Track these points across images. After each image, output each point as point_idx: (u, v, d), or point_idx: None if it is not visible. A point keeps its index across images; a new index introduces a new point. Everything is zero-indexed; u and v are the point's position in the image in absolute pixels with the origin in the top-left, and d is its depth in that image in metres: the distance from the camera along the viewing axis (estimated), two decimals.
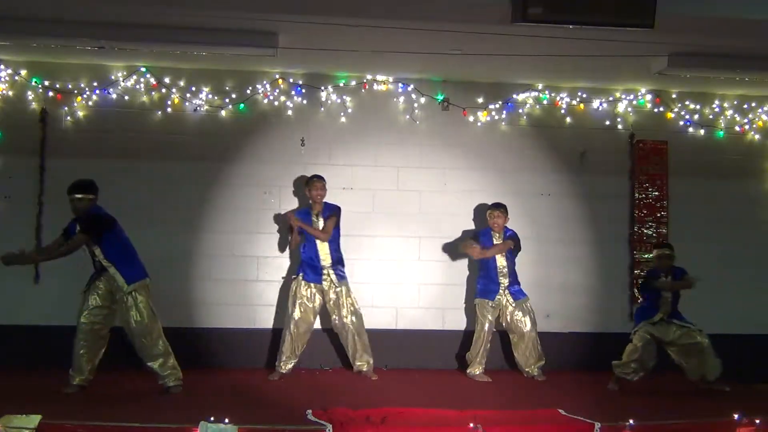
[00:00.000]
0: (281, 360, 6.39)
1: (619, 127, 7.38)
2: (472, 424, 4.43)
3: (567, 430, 4.79)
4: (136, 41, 5.96)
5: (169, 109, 6.84)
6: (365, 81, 7.06)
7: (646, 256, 7.21)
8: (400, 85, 7.10)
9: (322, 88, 7.00)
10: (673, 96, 7.41)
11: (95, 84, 6.72)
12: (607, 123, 7.34)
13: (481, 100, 7.19)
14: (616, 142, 7.39)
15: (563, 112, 7.29)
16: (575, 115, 7.32)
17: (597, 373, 6.46)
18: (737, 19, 5.47)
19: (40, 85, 6.69)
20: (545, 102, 7.27)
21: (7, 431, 4.15)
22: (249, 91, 6.92)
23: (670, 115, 7.39)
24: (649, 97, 7.36)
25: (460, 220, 7.17)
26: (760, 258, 7.46)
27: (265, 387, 6.05)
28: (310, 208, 6.62)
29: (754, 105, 7.47)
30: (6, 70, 6.65)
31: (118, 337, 5.79)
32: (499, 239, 6.73)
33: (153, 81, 6.78)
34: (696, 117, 7.40)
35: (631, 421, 4.61)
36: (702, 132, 7.40)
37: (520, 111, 7.27)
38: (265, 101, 6.95)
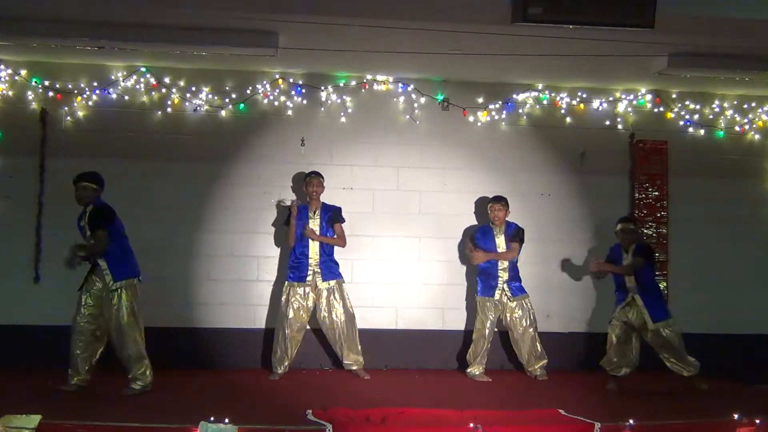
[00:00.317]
0: (275, 359, 6.40)
1: (619, 127, 7.38)
2: (472, 424, 4.43)
3: (567, 430, 4.79)
4: (136, 41, 5.97)
5: (169, 109, 6.84)
6: (365, 81, 7.06)
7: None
8: (400, 85, 7.10)
9: (322, 88, 7.00)
10: (673, 96, 7.41)
11: (95, 84, 6.72)
12: (607, 123, 7.34)
13: (481, 100, 7.19)
14: (616, 142, 7.39)
15: (563, 112, 7.29)
16: (575, 115, 7.32)
17: (597, 373, 6.45)
18: (737, 19, 5.47)
19: (40, 85, 6.69)
20: (545, 102, 7.27)
21: (7, 431, 4.15)
22: (249, 91, 6.92)
23: (670, 115, 7.39)
24: (649, 97, 7.36)
25: (460, 220, 7.17)
26: (760, 258, 7.46)
27: (265, 387, 6.05)
28: (308, 204, 6.62)
29: (754, 105, 7.46)
30: (6, 70, 6.65)
31: None
32: (499, 233, 6.70)
33: (153, 81, 6.78)
34: (696, 117, 7.40)
35: (631, 421, 4.60)
36: (702, 132, 7.40)
37: (520, 111, 7.27)
38: (265, 101, 6.95)
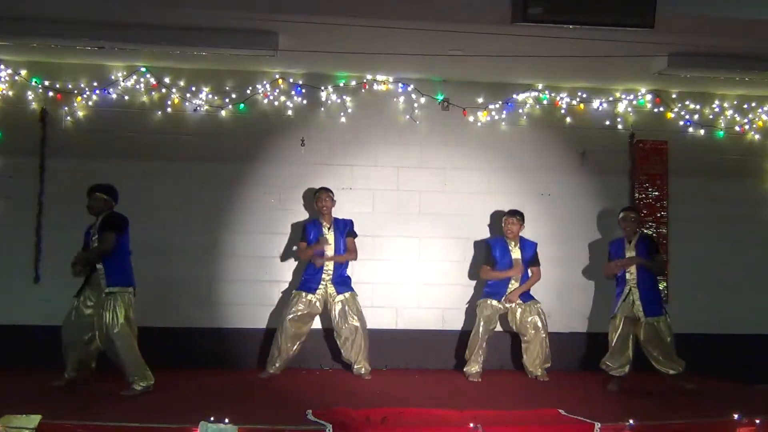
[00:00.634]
0: (269, 360, 6.40)
1: (619, 127, 7.38)
2: (472, 424, 4.43)
3: (567, 430, 4.79)
4: (136, 41, 5.96)
5: (169, 109, 6.84)
6: (365, 81, 7.06)
7: None
8: (400, 85, 7.10)
9: (322, 88, 7.00)
10: (673, 96, 7.41)
11: (95, 84, 6.71)
12: (607, 123, 7.33)
13: (481, 100, 7.19)
14: (616, 142, 7.39)
15: (563, 112, 7.29)
16: (575, 115, 7.32)
17: (597, 373, 6.45)
18: (737, 19, 5.47)
19: (40, 85, 6.68)
20: (545, 102, 7.26)
21: (7, 431, 4.15)
22: (249, 91, 6.92)
23: (670, 115, 7.38)
24: (649, 97, 7.35)
25: (459, 220, 7.17)
26: (760, 258, 7.46)
27: (265, 387, 6.05)
28: (318, 219, 6.61)
29: (754, 105, 7.46)
30: (6, 70, 6.65)
31: None
32: (514, 248, 6.71)
33: (153, 81, 6.78)
34: (696, 117, 7.40)
35: (631, 421, 4.60)
36: (702, 132, 7.40)
37: (520, 111, 7.27)
38: (265, 101, 6.95)
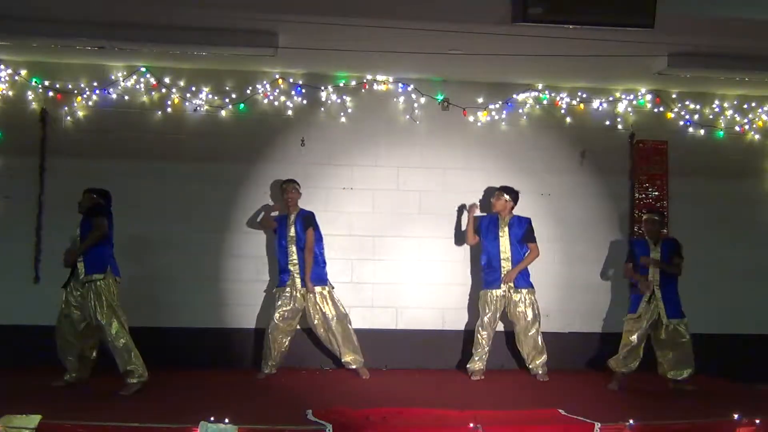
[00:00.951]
0: (263, 360, 6.41)
1: (619, 127, 7.38)
2: (472, 424, 4.43)
3: (567, 430, 4.78)
4: (136, 41, 5.97)
5: (169, 109, 6.84)
6: (365, 81, 7.06)
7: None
8: (400, 85, 7.10)
9: (322, 88, 7.00)
10: (673, 96, 7.41)
11: (95, 84, 6.72)
12: (607, 123, 7.33)
13: (481, 100, 7.19)
14: (616, 142, 7.39)
15: (563, 112, 7.29)
16: (575, 115, 7.32)
17: (597, 373, 6.46)
18: (737, 19, 5.47)
19: (40, 85, 6.68)
20: (545, 102, 7.27)
21: (7, 431, 4.15)
22: (249, 91, 6.92)
23: (670, 115, 7.39)
24: (649, 97, 7.36)
25: (460, 220, 7.17)
26: (760, 258, 7.46)
27: (265, 387, 6.05)
28: (286, 213, 6.60)
29: (754, 105, 7.47)
30: (6, 70, 6.65)
31: None
32: (504, 226, 6.68)
33: (153, 81, 6.78)
34: (696, 117, 7.40)
35: (631, 421, 4.60)
36: (702, 132, 7.40)
37: (520, 111, 7.27)
38: (265, 101, 6.95)
